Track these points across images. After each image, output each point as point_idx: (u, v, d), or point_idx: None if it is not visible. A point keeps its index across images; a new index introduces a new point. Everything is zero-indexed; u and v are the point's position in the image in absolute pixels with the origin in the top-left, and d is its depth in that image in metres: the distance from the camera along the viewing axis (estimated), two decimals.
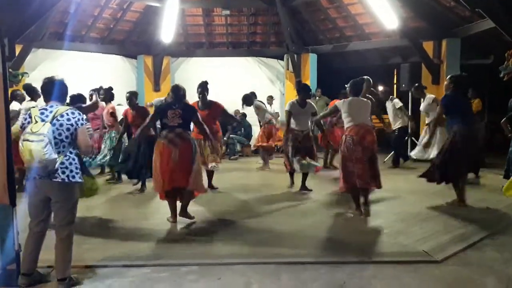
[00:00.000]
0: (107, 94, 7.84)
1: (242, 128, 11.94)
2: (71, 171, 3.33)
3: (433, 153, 7.05)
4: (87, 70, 11.02)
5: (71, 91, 6.83)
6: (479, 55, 11.54)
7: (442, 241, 4.38)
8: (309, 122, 6.68)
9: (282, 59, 13.12)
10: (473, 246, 4.28)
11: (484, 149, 6.65)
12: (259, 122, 9.81)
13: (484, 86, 12.09)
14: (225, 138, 10.83)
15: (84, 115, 3.54)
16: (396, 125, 9.03)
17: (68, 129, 3.31)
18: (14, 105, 6.49)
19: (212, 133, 6.51)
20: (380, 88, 9.76)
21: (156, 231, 4.91)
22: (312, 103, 6.88)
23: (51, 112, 3.30)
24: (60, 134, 3.28)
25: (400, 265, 3.81)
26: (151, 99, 12.05)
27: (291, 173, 6.90)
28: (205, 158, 6.47)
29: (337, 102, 5.72)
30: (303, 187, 6.78)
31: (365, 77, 6.64)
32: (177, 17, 11.71)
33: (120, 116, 7.73)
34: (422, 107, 7.77)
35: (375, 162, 5.33)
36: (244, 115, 11.74)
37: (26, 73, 8.97)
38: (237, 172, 9.07)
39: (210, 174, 6.91)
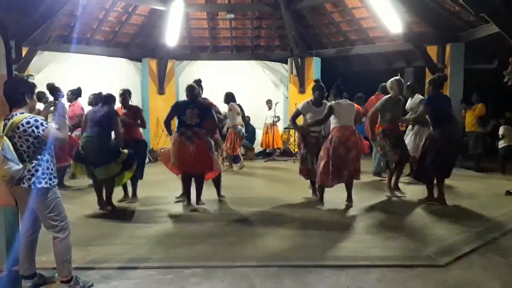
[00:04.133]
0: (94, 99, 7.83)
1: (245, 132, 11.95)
2: (37, 177, 3.23)
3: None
4: (92, 72, 11.05)
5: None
6: (483, 60, 11.53)
7: (446, 245, 4.39)
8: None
9: (286, 62, 13.14)
10: (477, 251, 4.28)
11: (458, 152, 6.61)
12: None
13: (488, 91, 12.07)
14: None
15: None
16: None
17: (27, 140, 3.21)
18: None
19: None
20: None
21: (160, 233, 4.93)
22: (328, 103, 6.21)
23: (5, 125, 3.21)
24: (21, 146, 3.22)
25: (404, 269, 3.82)
26: (156, 102, 12.15)
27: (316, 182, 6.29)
28: None
29: (331, 103, 5.98)
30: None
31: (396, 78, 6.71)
32: (182, 21, 11.76)
33: None
34: (408, 105, 7.69)
35: (358, 158, 5.95)
36: (248, 118, 11.76)
37: (32, 75, 8.95)
38: (240, 175, 9.09)
39: (217, 183, 6.57)
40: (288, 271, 3.79)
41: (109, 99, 6.08)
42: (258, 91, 12.32)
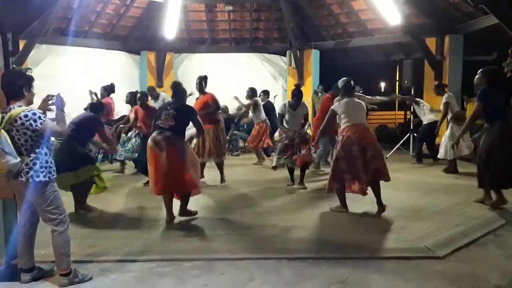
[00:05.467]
0: (132, 98, 8.00)
1: (245, 125, 11.92)
2: (36, 171, 3.22)
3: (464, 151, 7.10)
4: (90, 66, 11.03)
5: (75, 87, 6.85)
6: (482, 52, 11.52)
7: (445, 237, 4.39)
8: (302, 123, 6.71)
9: (284, 55, 13.10)
10: (476, 242, 4.28)
11: None
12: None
13: None
14: (227, 137, 10.87)
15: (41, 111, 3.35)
16: (427, 120, 8.98)
17: (25, 133, 3.20)
18: None
19: (214, 121, 6.54)
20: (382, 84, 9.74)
21: (160, 226, 4.94)
22: (306, 104, 6.84)
23: (3, 118, 3.19)
24: (19, 139, 3.20)
25: (403, 261, 3.82)
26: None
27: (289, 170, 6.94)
28: (210, 150, 6.63)
29: (333, 106, 5.53)
30: (301, 183, 6.83)
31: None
32: (180, 13, 11.70)
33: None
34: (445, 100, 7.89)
35: (379, 157, 5.22)
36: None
37: (30, 68, 8.91)
38: (239, 168, 9.08)
39: (220, 169, 7.06)
40: (287, 263, 3.79)
41: (98, 107, 5.93)
42: (256, 83, 12.26)
